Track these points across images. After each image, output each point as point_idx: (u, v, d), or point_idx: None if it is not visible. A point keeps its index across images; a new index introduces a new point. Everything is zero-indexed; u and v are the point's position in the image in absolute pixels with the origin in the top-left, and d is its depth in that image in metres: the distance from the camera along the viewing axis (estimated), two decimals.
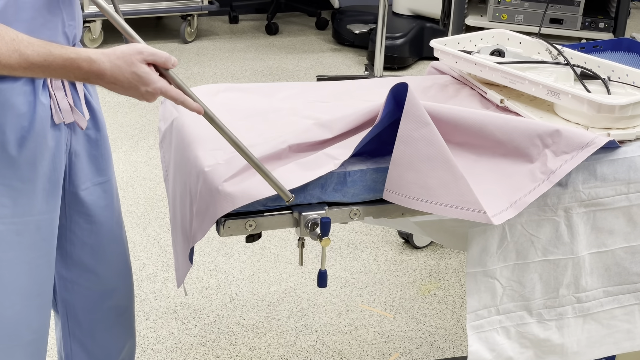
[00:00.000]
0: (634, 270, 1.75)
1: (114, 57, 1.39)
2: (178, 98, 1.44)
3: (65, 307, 1.83)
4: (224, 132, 1.47)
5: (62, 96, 1.56)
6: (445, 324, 2.72)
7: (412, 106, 1.52)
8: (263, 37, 5.62)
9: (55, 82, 1.55)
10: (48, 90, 1.53)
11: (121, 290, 1.86)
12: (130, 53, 1.40)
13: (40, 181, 1.56)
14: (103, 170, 1.73)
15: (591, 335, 1.77)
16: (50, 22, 1.49)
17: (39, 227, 1.59)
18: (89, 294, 1.81)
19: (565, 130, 1.61)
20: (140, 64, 1.40)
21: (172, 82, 1.45)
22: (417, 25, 5.09)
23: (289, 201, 1.48)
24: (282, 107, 1.84)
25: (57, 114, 1.55)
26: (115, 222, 1.80)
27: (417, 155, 1.53)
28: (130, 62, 1.39)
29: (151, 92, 1.42)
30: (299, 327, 2.68)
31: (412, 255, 3.12)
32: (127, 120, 4.16)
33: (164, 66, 1.43)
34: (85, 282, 1.79)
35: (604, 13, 3.27)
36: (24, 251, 1.57)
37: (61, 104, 1.56)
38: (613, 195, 1.68)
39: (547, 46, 2.01)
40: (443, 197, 1.53)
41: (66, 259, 1.76)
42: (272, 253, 3.09)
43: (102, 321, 1.85)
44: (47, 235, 1.61)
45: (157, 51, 1.42)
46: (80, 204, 1.70)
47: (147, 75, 1.40)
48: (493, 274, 1.66)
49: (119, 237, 1.83)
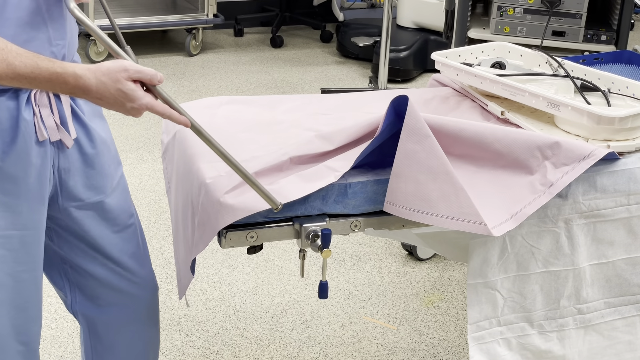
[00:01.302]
0: (634, 281, 1.75)
1: (99, 74, 1.40)
2: (164, 113, 1.44)
3: (87, 321, 1.85)
4: (212, 144, 1.47)
5: (47, 113, 1.54)
6: (448, 335, 2.72)
7: (412, 118, 1.53)
8: (268, 50, 5.64)
9: (41, 98, 1.53)
10: (32, 107, 1.52)
11: (142, 309, 1.86)
12: (115, 70, 1.40)
13: (25, 197, 1.55)
14: (99, 187, 1.70)
15: (592, 347, 1.77)
16: (35, 39, 1.47)
17: (24, 242, 1.58)
18: (110, 312, 1.82)
19: (565, 142, 1.62)
20: (125, 81, 1.40)
21: (159, 96, 1.45)
22: (421, 37, 5.11)
23: (277, 209, 1.48)
24: (284, 120, 1.85)
25: (41, 131, 1.53)
26: (123, 241, 1.78)
27: (417, 167, 1.53)
28: (115, 79, 1.40)
29: (137, 108, 1.42)
30: (302, 339, 2.68)
31: (416, 267, 3.12)
32: (132, 133, 4.18)
33: (150, 83, 1.43)
34: (101, 301, 1.80)
35: (606, 25, 3.28)
36: (8, 264, 1.57)
37: (46, 122, 1.54)
38: (613, 207, 1.68)
39: (547, 58, 2.02)
40: (443, 209, 1.53)
41: (76, 275, 1.77)
42: (275, 265, 3.09)
43: (123, 339, 1.86)
44: (32, 250, 1.60)
45: (143, 68, 1.42)
46: (73, 222, 1.69)
47: (133, 92, 1.41)
48: (494, 285, 1.66)
49: (136, 255, 1.80)
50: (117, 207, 1.75)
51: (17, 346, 1.64)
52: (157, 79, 1.43)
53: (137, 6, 5.36)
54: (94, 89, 1.40)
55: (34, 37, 1.47)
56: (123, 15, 5.14)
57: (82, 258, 1.75)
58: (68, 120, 1.59)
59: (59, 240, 1.73)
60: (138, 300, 1.85)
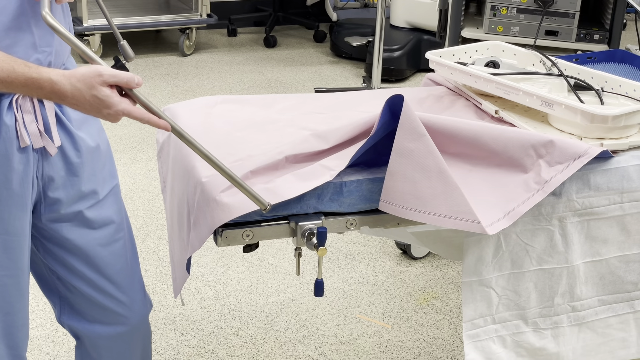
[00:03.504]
0: (628, 279, 1.76)
1: (74, 80, 1.37)
2: (143, 118, 1.42)
3: (74, 334, 1.83)
4: (195, 147, 1.45)
5: (30, 119, 1.52)
6: (442, 334, 2.73)
7: (407, 118, 1.54)
8: (261, 50, 5.64)
9: (24, 104, 1.51)
10: (13, 112, 1.49)
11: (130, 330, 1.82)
12: (90, 76, 1.37)
13: (6, 203, 1.53)
14: (84, 197, 1.66)
15: (586, 344, 1.78)
16: (18, 44, 1.45)
17: (6, 247, 1.56)
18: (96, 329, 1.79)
19: (559, 140, 1.63)
20: (100, 86, 1.37)
21: (137, 101, 1.42)
22: (415, 37, 5.12)
23: (265, 210, 1.47)
24: (279, 119, 1.86)
25: (23, 138, 1.50)
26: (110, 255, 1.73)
27: (412, 166, 1.54)
28: (90, 85, 1.37)
29: (113, 114, 1.40)
30: (297, 337, 2.69)
31: (410, 266, 3.13)
32: (125, 133, 4.18)
33: (127, 86, 1.40)
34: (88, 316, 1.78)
35: (599, 25, 3.29)
36: None
37: (29, 128, 1.52)
38: (607, 205, 1.69)
39: (541, 57, 2.03)
40: (438, 207, 1.54)
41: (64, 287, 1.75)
42: (270, 264, 3.10)
43: (111, 356, 1.83)
44: (14, 256, 1.58)
45: (119, 72, 1.39)
46: (55, 232, 1.66)
47: (108, 98, 1.38)
48: (489, 283, 1.67)
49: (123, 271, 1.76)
50: (104, 219, 1.70)
51: (4, 349, 1.61)
52: (134, 82, 1.40)
53: (130, 6, 5.36)
54: (70, 95, 1.38)
55: (17, 42, 1.45)
56: (116, 15, 5.14)
57: (66, 271, 1.71)
58: (52, 127, 1.56)
59: (44, 251, 1.70)
60: (125, 320, 1.80)
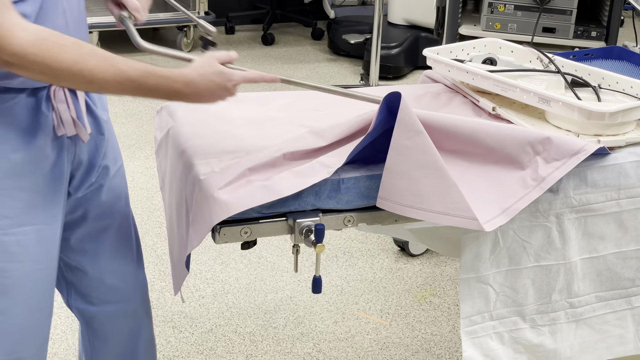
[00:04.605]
0: (625, 275, 1.77)
1: (197, 68, 1.50)
2: (257, 77, 1.56)
3: (83, 317, 1.87)
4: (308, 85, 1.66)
5: (64, 109, 1.57)
6: (440, 330, 2.74)
7: (405, 115, 1.54)
8: (259, 47, 5.65)
9: (58, 94, 1.55)
10: (51, 103, 1.55)
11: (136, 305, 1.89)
12: (207, 60, 1.52)
13: (41, 192, 1.57)
14: (105, 169, 1.75)
15: (584, 341, 1.78)
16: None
17: (40, 237, 1.59)
18: (105, 309, 1.84)
19: (556, 137, 1.63)
20: (219, 64, 1.52)
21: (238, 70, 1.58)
22: (412, 35, 5.12)
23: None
24: (277, 116, 1.86)
25: (59, 127, 1.56)
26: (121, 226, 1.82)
27: (409, 163, 1.54)
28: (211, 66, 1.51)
29: (235, 83, 1.53)
30: (295, 334, 2.69)
31: (408, 263, 3.13)
32: (124, 131, 4.18)
33: (230, 61, 1.54)
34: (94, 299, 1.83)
35: (597, 22, 3.30)
36: (25, 262, 1.57)
37: (63, 117, 1.57)
38: (604, 201, 1.70)
39: (538, 54, 2.03)
40: (435, 204, 1.54)
41: (69, 272, 1.79)
42: (268, 261, 3.10)
43: (119, 334, 1.88)
44: (48, 247, 1.61)
45: (222, 51, 1.55)
46: (70, 211, 1.71)
47: (228, 71, 1.52)
48: (486, 280, 1.67)
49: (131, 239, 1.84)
50: (117, 193, 1.80)
51: (30, 349, 1.65)
52: (235, 56, 1.55)
53: None
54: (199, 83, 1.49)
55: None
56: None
57: (73, 253, 1.76)
58: (83, 114, 1.62)
59: None
60: (131, 297, 1.86)
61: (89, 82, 1.40)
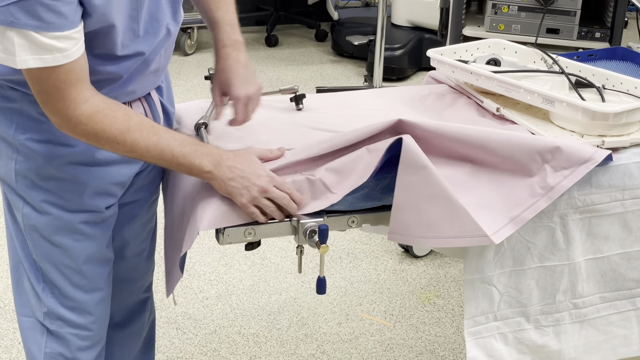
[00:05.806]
0: (629, 276, 1.77)
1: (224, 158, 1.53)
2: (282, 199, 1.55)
3: None
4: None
5: (142, 114, 1.65)
6: (444, 332, 2.74)
7: (408, 153, 1.54)
8: (263, 49, 5.65)
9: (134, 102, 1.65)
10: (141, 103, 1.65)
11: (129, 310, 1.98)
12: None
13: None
14: None
15: (588, 341, 1.78)
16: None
17: (109, 223, 1.72)
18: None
19: (566, 145, 1.62)
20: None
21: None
22: (416, 36, 5.12)
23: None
24: (279, 117, 1.86)
25: None
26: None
27: (416, 197, 1.55)
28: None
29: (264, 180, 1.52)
30: (299, 336, 2.69)
31: (412, 264, 3.13)
32: None
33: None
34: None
35: (600, 23, 3.29)
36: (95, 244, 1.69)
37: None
38: (608, 202, 1.69)
39: (542, 55, 2.03)
40: (446, 230, 1.55)
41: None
42: (272, 263, 3.10)
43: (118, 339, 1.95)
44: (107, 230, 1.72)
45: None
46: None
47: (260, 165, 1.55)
48: (490, 281, 1.67)
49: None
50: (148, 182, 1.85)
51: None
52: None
53: None
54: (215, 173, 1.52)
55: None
56: None
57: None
58: (159, 110, 1.71)
59: None
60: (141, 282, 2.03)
61: (130, 151, 1.48)
